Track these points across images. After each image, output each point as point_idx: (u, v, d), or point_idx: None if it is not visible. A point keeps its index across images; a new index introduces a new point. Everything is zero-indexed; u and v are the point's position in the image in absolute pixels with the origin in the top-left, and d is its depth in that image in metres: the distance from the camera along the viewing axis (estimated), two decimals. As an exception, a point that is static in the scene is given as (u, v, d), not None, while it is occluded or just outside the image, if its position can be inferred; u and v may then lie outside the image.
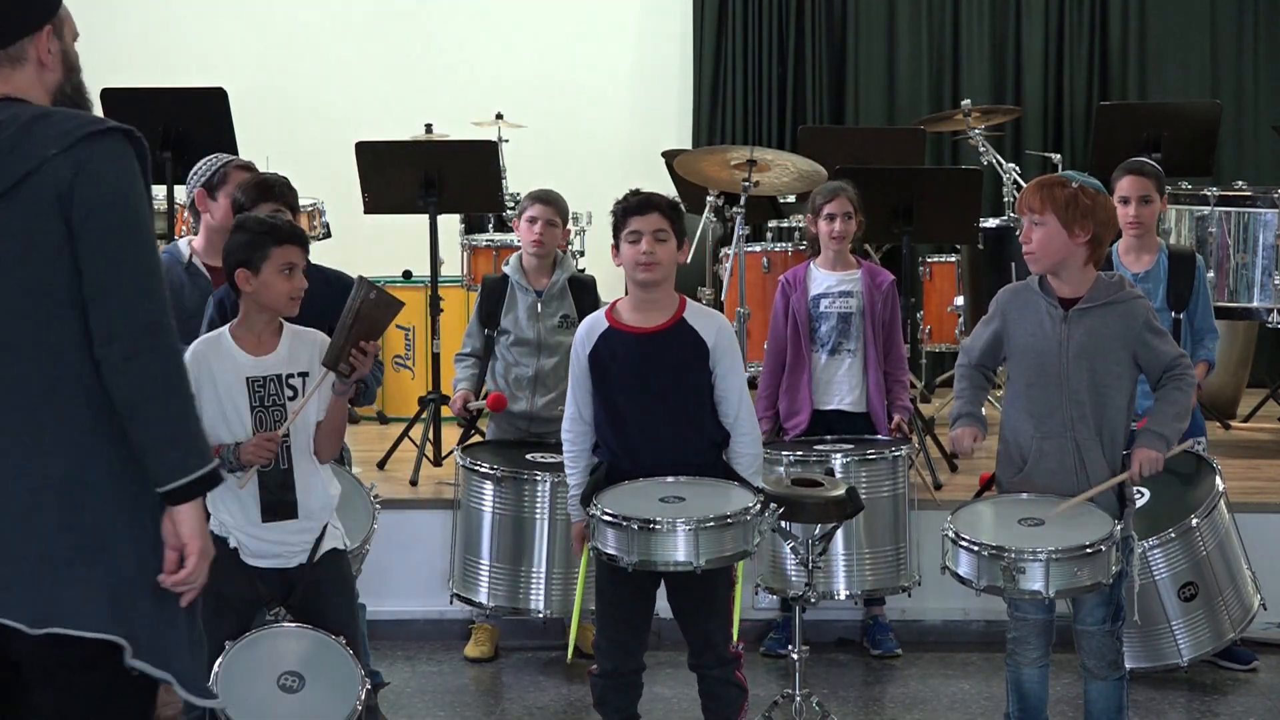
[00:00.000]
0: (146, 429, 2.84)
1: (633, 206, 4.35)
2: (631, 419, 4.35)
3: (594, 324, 4.44)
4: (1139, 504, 5.31)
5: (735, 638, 4.61)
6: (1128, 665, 5.09)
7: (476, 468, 5.53)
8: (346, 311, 4.11)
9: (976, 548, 4.23)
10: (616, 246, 4.40)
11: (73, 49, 3.05)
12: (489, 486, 5.50)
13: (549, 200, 5.84)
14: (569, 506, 4.55)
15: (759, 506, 4.19)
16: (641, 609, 4.42)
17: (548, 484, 5.41)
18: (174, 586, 2.90)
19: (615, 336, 4.38)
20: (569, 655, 4.87)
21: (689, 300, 4.46)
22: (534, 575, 5.47)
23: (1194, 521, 5.29)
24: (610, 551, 4.17)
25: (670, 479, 4.28)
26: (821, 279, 5.88)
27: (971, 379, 4.62)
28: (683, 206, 4.52)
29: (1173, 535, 5.28)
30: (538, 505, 5.44)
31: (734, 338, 4.46)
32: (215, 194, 5.13)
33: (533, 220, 5.79)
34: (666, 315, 4.37)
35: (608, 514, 4.15)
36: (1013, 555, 4.16)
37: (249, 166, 5.29)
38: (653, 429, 4.33)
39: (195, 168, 5.25)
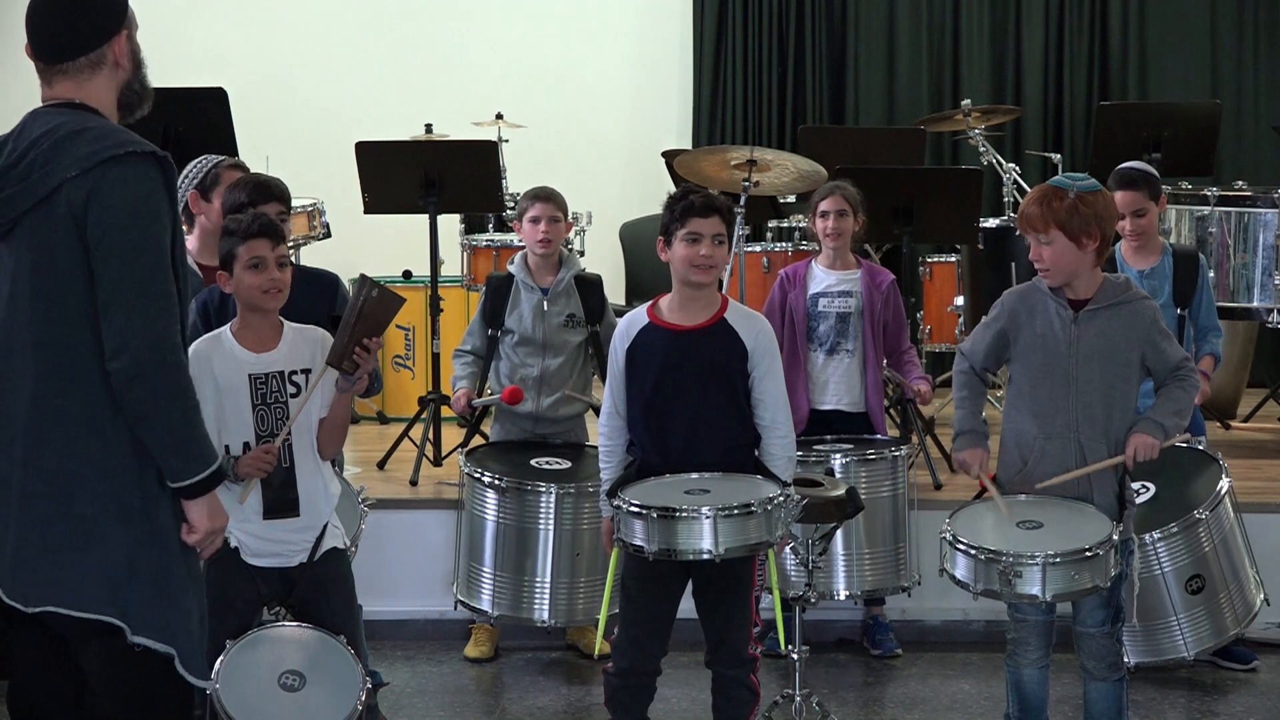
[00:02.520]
0: (153, 436, 3.14)
1: (697, 207, 4.30)
2: (666, 416, 4.33)
3: (634, 320, 4.42)
4: (1144, 499, 5.32)
5: (783, 643, 4.65)
6: (1133, 660, 5.10)
7: (480, 477, 5.47)
8: (349, 309, 4.11)
9: (974, 551, 4.22)
10: (667, 241, 4.35)
11: (138, 44, 3.31)
12: (492, 495, 5.45)
13: (550, 198, 5.78)
14: (600, 503, 4.52)
15: (783, 497, 4.19)
16: (665, 609, 4.40)
17: (552, 495, 5.37)
18: (193, 543, 3.27)
19: (654, 333, 4.35)
20: (596, 652, 4.82)
21: (731, 300, 4.44)
22: (538, 585, 5.43)
23: (1199, 514, 5.29)
24: (635, 542, 4.16)
25: (696, 475, 4.26)
26: (821, 278, 5.88)
27: (970, 386, 4.61)
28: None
29: (1175, 530, 5.27)
30: (541, 516, 5.39)
31: (774, 340, 4.41)
32: (209, 195, 5.12)
33: (536, 220, 5.74)
34: (708, 314, 4.35)
35: (633, 505, 4.15)
36: (1010, 559, 4.14)
37: (240, 166, 5.28)
38: (687, 427, 4.31)
39: (186, 170, 5.18)
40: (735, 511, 4.09)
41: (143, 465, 3.16)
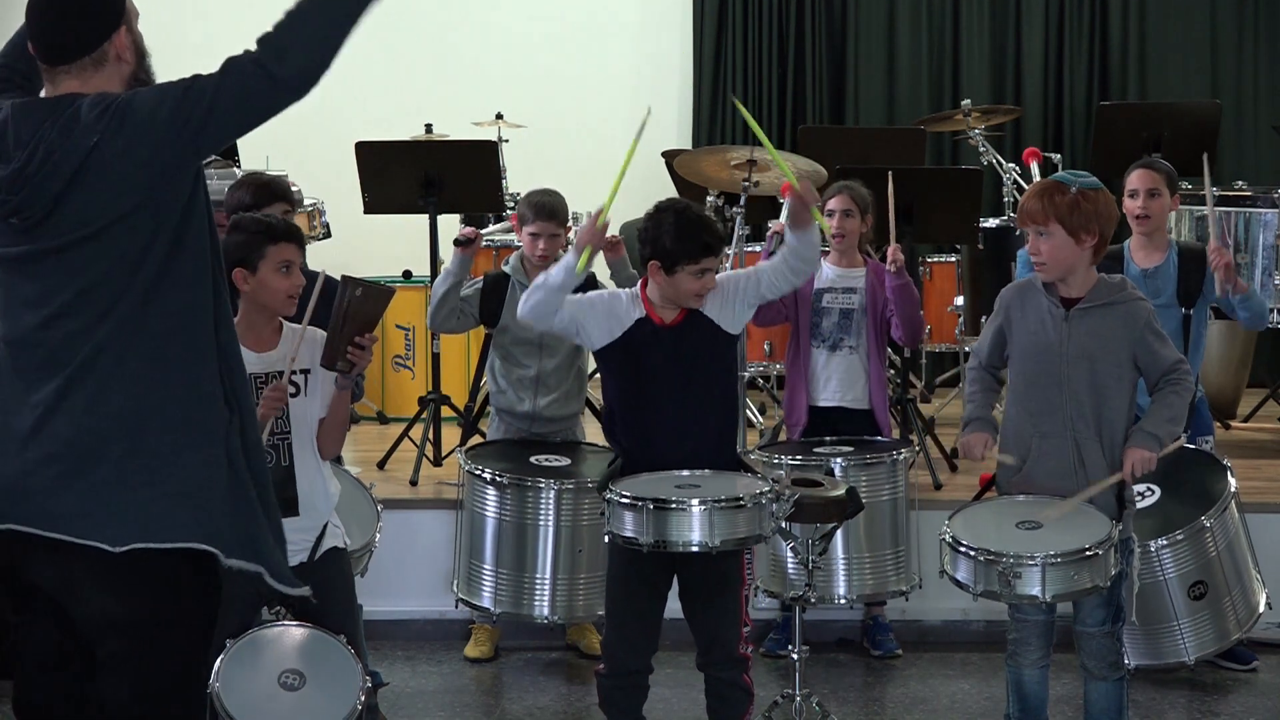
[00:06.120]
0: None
1: (714, 249, 4.39)
2: (649, 412, 4.39)
3: (629, 308, 4.44)
4: (1149, 503, 5.31)
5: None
6: (1134, 662, 5.10)
7: (479, 473, 5.47)
8: (335, 314, 4.13)
9: (973, 553, 4.23)
10: (667, 268, 4.35)
11: (139, 35, 3.30)
12: (492, 492, 5.44)
13: (552, 214, 5.74)
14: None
15: (773, 492, 4.25)
16: (653, 607, 4.42)
17: (552, 491, 5.37)
18: None
19: (647, 327, 4.40)
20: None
21: None
22: (538, 581, 5.40)
23: (1206, 521, 5.28)
24: (627, 534, 4.19)
25: (685, 472, 4.32)
26: (827, 273, 5.88)
27: (982, 381, 4.62)
28: None
29: (1181, 536, 5.25)
30: (541, 512, 5.38)
31: (730, 276, 4.49)
32: None
33: (535, 235, 5.73)
34: (680, 309, 4.43)
35: (624, 497, 4.18)
36: (1010, 560, 4.15)
37: None
38: (670, 423, 4.36)
39: None
40: (725, 504, 4.14)
41: (209, 388, 3.18)
